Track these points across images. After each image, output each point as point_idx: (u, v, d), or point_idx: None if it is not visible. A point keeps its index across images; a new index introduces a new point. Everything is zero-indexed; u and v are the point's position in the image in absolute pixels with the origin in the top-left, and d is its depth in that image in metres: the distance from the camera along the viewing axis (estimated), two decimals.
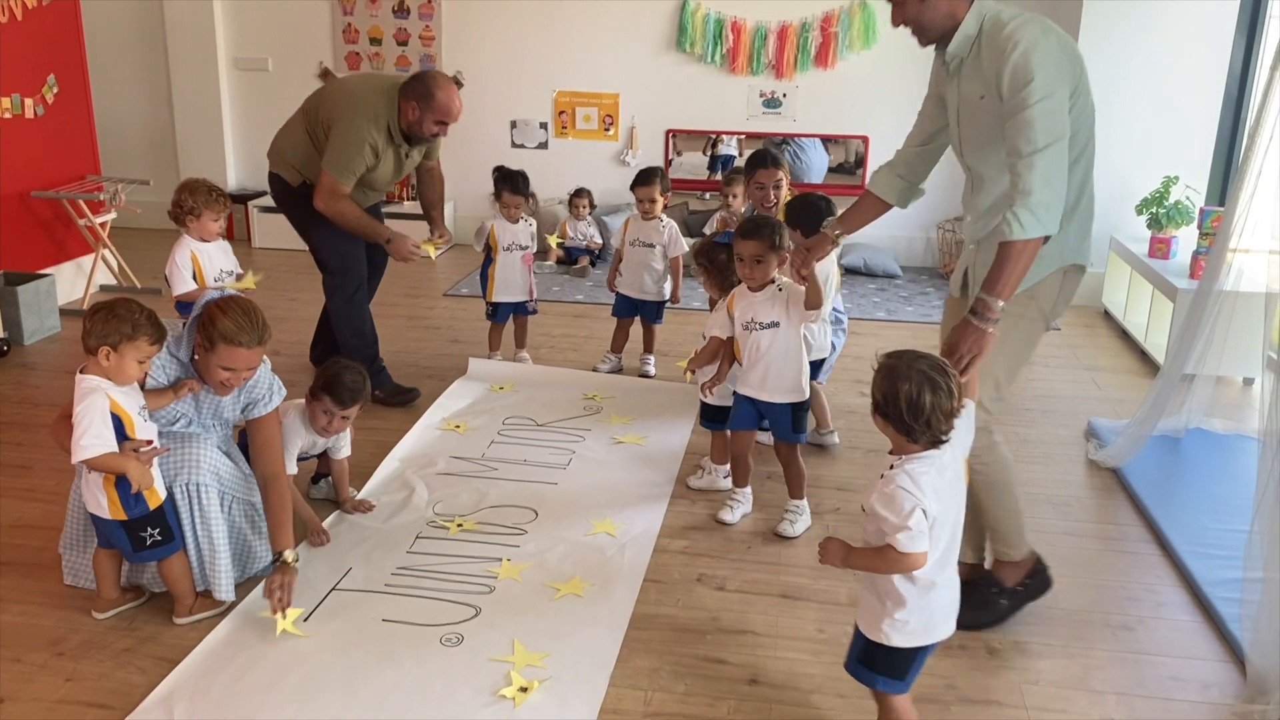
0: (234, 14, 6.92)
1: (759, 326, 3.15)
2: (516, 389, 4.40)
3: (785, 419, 3.23)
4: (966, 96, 2.56)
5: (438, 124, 3.89)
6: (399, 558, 3.03)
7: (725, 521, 3.32)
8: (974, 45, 2.50)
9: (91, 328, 2.49)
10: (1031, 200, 2.35)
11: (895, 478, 2.03)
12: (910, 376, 2.00)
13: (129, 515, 2.56)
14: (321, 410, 3.10)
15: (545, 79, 6.83)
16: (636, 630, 2.71)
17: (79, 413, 2.45)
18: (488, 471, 3.61)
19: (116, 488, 2.53)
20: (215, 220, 3.63)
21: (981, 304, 2.39)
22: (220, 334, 2.59)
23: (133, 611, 2.75)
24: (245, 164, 7.21)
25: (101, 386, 2.48)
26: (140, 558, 2.65)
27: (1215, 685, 2.57)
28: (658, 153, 6.87)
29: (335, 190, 3.88)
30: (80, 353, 2.56)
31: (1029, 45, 2.37)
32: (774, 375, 3.18)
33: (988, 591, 2.78)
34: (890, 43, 6.50)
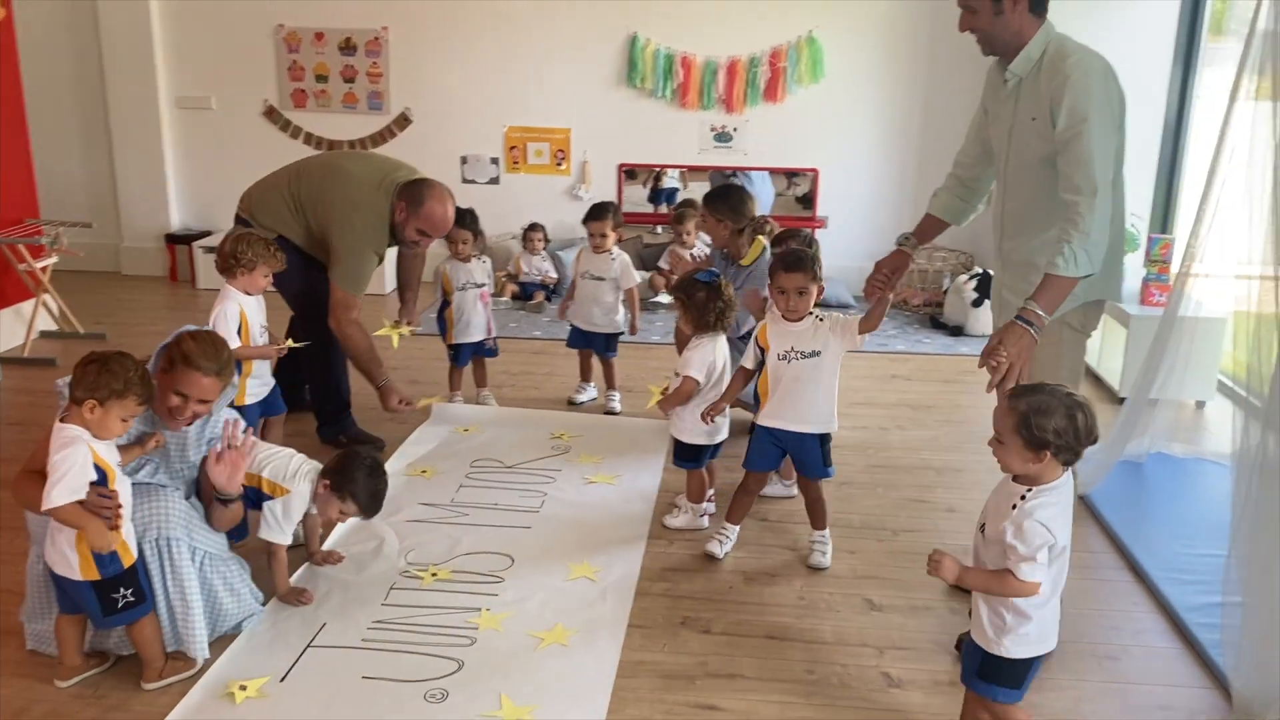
0: (175, 52, 6.78)
1: (799, 356, 3.13)
2: (482, 430, 4.33)
3: (815, 451, 3.20)
4: (1020, 116, 2.67)
5: (419, 232, 3.83)
6: (374, 611, 2.94)
7: (714, 555, 3.28)
8: (1036, 67, 2.60)
9: (81, 378, 2.40)
10: (1090, 241, 2.48)
11: (1033, 512, 2.11)
12: (1077, 406, 2.11)
13: (102, 575, 2.44)
14: (339, 510, 2.98)
15: (496, 114, 6.80)
16: (624, 679, 2.66)
17: (56, 461, 2.36)
18: (459, 517, 3.54)
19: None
20: (266, 276, 3.51)
21: (1030, 312, 2.50)
22: (182, 355, 2.60)
23: (98, 678, 2.63)
24: (188, 204, 7.05)
25: (83, 437, 2.39)
26: (110, 622, 2.53)
27: (1202, 712, 2.60)
28: (610, 187, 6.87)
29: (350, 306, 3.80)
30: (22, 402, 2.46)
31: (1091, 81, 2.50)
32: (808, 405, 3.16)
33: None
34: (838, 76, 6.60)
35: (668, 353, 5.39)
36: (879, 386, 5.06)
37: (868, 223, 6.80)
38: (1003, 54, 2.69)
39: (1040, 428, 2.08)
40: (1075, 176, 2.51)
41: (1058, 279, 2.50)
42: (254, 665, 2.67)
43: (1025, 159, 2.70)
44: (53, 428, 2.48)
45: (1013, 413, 2.12)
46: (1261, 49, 2.87)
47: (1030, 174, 2.69)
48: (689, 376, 3.35)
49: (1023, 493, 2.14)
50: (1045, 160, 2.62)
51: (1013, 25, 2.61)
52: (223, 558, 2.79)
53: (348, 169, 3.93)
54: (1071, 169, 2.51)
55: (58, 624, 2.60)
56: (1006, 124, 2.75)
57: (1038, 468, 2.12)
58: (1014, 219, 2.79)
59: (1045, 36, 2.62)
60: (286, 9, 6.69)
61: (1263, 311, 2.85)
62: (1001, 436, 2.15)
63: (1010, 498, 2.16)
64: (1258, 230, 2.82)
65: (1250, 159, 2.86)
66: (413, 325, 4.25)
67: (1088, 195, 2.48)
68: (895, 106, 6.66)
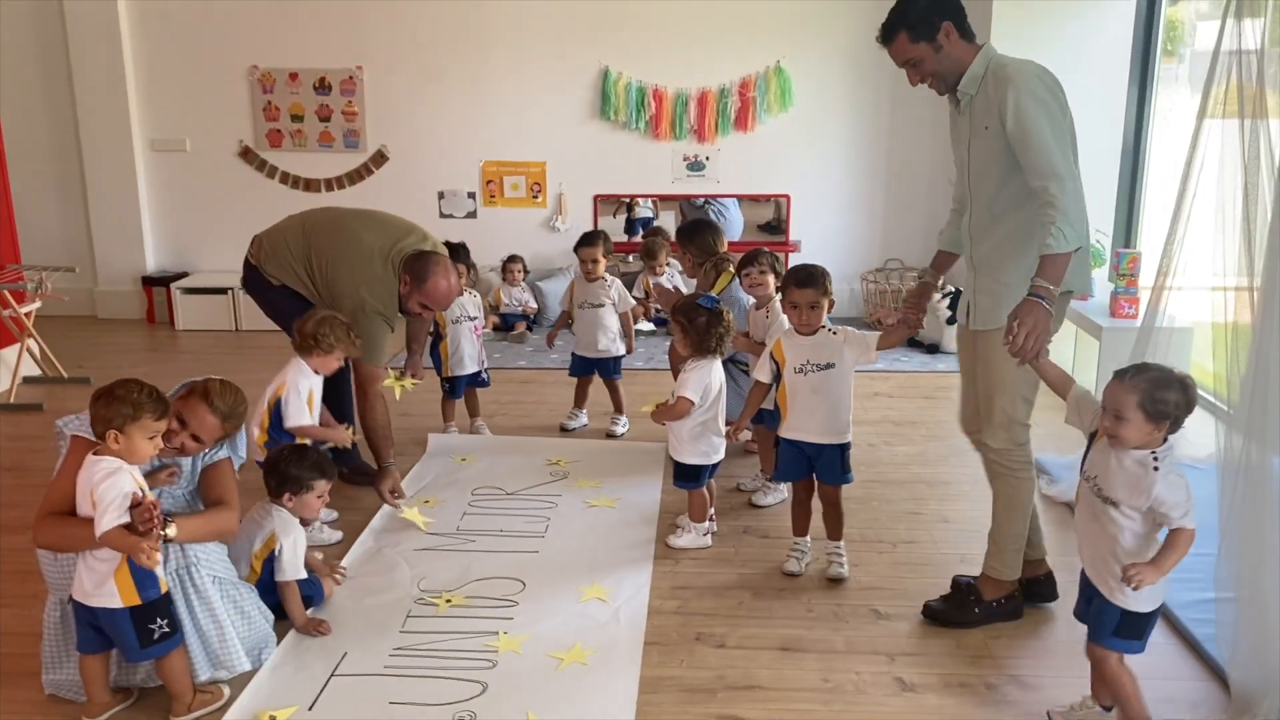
0: (149, 95, 6.81)
1: (815, 368, 3.28)
2: (479, 459, 4.38)
3: (835, 461, 3.33)
4: (975, 127, 2.87)
5: (422, 306, 3.88)
6: (393, 638, 2.98)
7: (793, 572, 3.39)
8: (980, 83, 2.82)
9: (96, 414, 2.47)
10: (1070, 218, 2.67)
11: (1169, 473, 2.32)
12: (1187, 381, 2.35)
13: (143, 599, 2.49)
14: (315, 499, 3.09)
15: (472, 149, 6.89)
16: (647, 694, 2.72)
17: (102, 491, 2.40)
18: (466, 544, 3.59)
19: (130, 568, 2.46)
20: (339, 360, 3.56)
21: (1040, 288, 2.66)
22: (201, 389, 2.74)
23: (125, 713, 2.65)
24: (164, 246, 7.06)
25: (124, 466, 2.46)
26: (145, 654, 2.55)
27: (1203, 703, 2.71)
28: (586, 218, 6.97)
29: (375, 378, 3.86)
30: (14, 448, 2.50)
31: (1029, 81, 2.72)
32: (827, 416, 3.30)
33: (967, 598, 3.07)
34: (806, 104, 6.77)
35: (653, 377, 5.49)
36: (862, 404, 5.17)
37: (839, 245, 6.96)
38: (953, 86, 2.89)
39: (1163, 401, 2.30)
40: (1039, 165, 2.70)
41: (1053, 256, 2.68)
42: (281, 695, 2.70)
43: (984, 164, 2.88)
44: (60, 467, 2.55)
45: (1135, 390, 2.32)
46: (1226, 68, 3.02)
47: (990, 177, 2.87)
48: (684, 397, 3.44)
49: (1154, 461, 2.34)
50: (1000, 161, 2.81)
51: (954, 55, 2.83)
52: (232, 581, 2.83)
53: (360, 237, 3.89)
54: (1033, 160, 2.71)
55: (82, 665, 2.61)
56: (965, 138, 2.94)
57: (1154, 437, 2.33)
58: (979, 223, 2.95)
59: (986, 57, 2.84)
60: (260, 50, 6.76)
61: (1238, 321, 2.99)
62: (1123, 413, 2.32)
63: (1139, 465, 2.35)
64: (1230, 243, 2.96)
65: (1220, 175, 3.00)
66: (417, 378, 4.31)
67: (1054, 179, 2.68)
68: (862, 131, 6.84)
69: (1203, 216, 3.26)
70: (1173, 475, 2.33)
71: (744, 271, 3.86)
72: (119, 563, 2.47)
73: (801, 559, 3.43)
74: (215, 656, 2.70)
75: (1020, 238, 2.86)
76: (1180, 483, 2.34)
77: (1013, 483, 3.00)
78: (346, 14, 6.67)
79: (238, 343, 6.51)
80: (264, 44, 6.74)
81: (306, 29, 6.70)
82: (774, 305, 3.82)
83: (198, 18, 6.69)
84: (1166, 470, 2.33)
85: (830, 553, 3.40)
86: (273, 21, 6.69)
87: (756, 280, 3.82)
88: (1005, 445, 2.98)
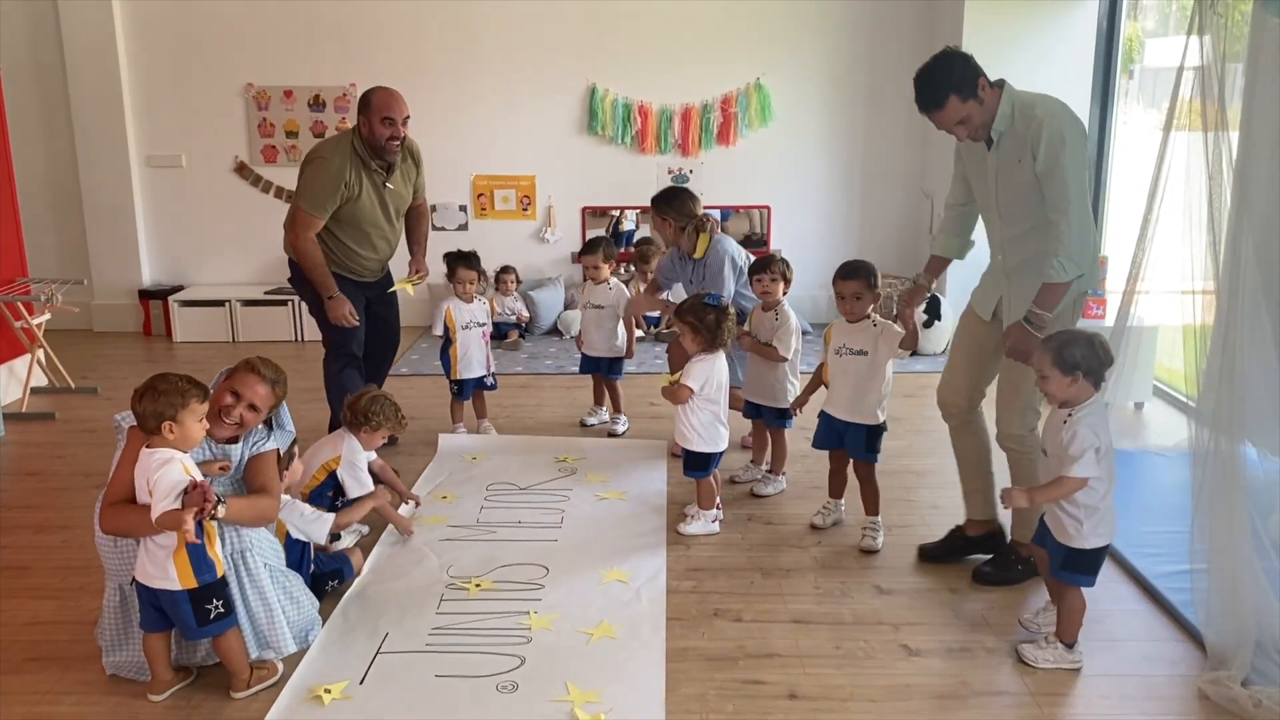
0: (145, 112, 6.96)
1: (849, 352, 3.64)
2: (489, 457, 4.59)
3: (860, 439, 3.68)
4: (1005, 161, 3.16)
5: (384, 122, 4.13)
6: (431, 619, 3.18)
7: (814, 525, 3.85)
8: (1010, 121, 3.11)
9: (146, 410, 2.62)
10: (1072, 250, 3.02)
11: (1078, 424, 2.75)
12: (1094, 338, 2.78)
13: (199, 582, 2.65)
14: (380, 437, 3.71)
15: (463, 164, 7.09)
16: (674, 663, 2.94)
17: (158, 479, 2.57)
18: (488, 535, 3.79)
19: (189, 554, 2.63)
20: (384, 439, 3.78)
21: (1035, 316, 3.06)
22: (245, 362, 2.93)
23: (187, 690, 2.82)
24: (160, 260, 7.19)
25: (175, 455, 2.62)
26: (203, 633, 2.72)
27: (1182, 661, 2.97)
28: (574, 229, 7.20)
29: (309, 225, 4.11)
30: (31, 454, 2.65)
31: (1060, 123, 3.03)
32: (852, 397, 3.66)
33: (1009, 559, 3.45)
34: (786, 119, 7.06)
35: (650, 381, 5.72)
36: None
37: (817, 254, 7.23)
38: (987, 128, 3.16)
39: (1070, 355, 2.74)
40: (1057, 200, 3.04)
41: (1052, 286, 3.05)
42: (331, 671, 2.89)
43: (1016, 192, 3.18)
44: (119, 459, 2.72)
45: (1047, 350, 2.79)
46: (1191, 83, 3.30)
47: (1022, 204, 3.17)
48: (686, 386, 3.69)
49: (1068, 413, 2.78)
50: (1032, 190, 3.12)
51: (990, 105, 3.11)
52: (281, 569, 3.01)
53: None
54: (1054, 195, 3.05)
55: (145, 643, 2.78)
56: (991, 170, 3.22)
57: (1074, 389, 2.76)
58: (1015, 243, 3.26)
59: (1009, 97, 3.13)
60: (255, 68, 6.93)
61: (1204, 323, 3.26)
62: (1044, 372, 2.79)
63: (1062, 421, 2.78)
64: (1197, 249, 3.23)
65: (1186, 184, 3.28)
66: (423, 274, 4.63)
67: (1064, 214, 3.03)
68: (838, 145, 7.13)
69: (1170, 224, 3.55)
70: (1086, 429, 2.73)
71: (755, 277, 4.10)
72: (177, 546, 2.64)
73: (827, 516, 3.87)
74: (264, 637, 2.88)
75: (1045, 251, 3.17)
76: (1085, 435, 2.73)
77: (1028, 465, 3.30)
78: (340, 33, 6.86)
79: (236, 354, 6.60)
80: (259, 62, 6.91)
81: (301, 47, 6.88)
82: (783, 308, 4.06)
83: (194, 36, 6.85)
84: (1078, 422, 2.75)
85: (865, 526, 3.72)
86: (268, 40, 6.87)
87: (768, 287, 4.07)
88: (1020, 430, 3.29)
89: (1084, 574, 2.88)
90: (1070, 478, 2.77)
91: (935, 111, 3.12)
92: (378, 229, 4.35)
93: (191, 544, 2.63)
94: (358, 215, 4.22)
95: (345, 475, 3.60)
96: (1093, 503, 2.80)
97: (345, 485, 3.61)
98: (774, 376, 4.09)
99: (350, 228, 4.25)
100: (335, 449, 3.63)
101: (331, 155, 4.12)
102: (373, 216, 4.28)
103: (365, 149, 4.17)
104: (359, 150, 4.16)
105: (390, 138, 4.15)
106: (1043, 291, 3.06)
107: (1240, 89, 3.30)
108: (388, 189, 4.31)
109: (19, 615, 3.24)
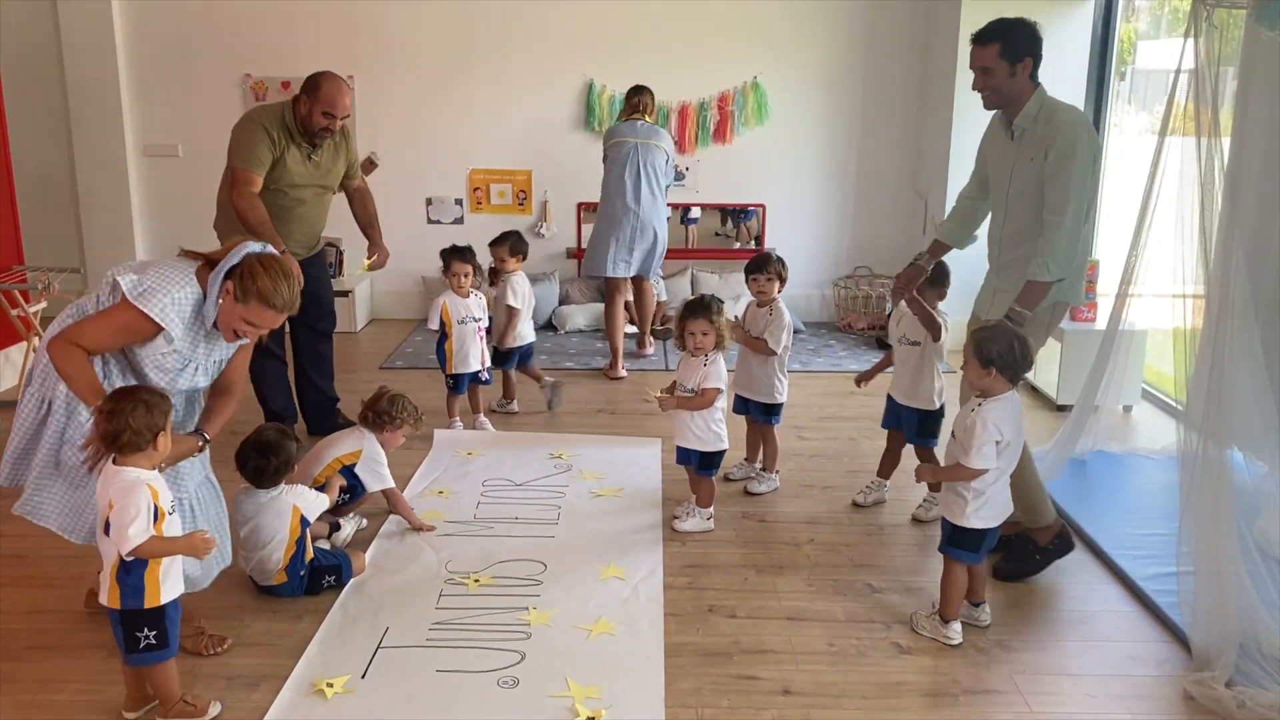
0: (142, 100, 6.95)
1: (906, 342, 3.88)
2: (484, 453, 4.62)
3: (914, 422, 3.94)
4: (1022, 156, 3.33)
5: (324, 115, 4.21)
6: (430, 614, 3.22)
7: (855, 503, 4.09)
8: (1034, 121, 3.28)
9: (139, 424, 2.48)
10: (1059, 253, 3.18)
11: (980, 417, 2.93)
12: (1015, 336, 2.95)
13: (123, 605, 2.53)
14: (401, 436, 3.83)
15: (459, 158, 7.11)
16: (670, 658, 2.99)
17: (124, 505, 2.46)
18: (485, 531, 3.83)
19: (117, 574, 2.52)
20: (403, 439, 3.88)
21: (1016, 313, 3.25)
22: (258, 292, 2.69)
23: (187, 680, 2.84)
24: (155, 250, 7.18)
25: (143, 478, 2.50)
26: (132, 660, 2.61)
27: (1167, 661, 3.04)
28: (570, 225, 7.23)
29: (247, 181, 4.17)
30: None
31: (1077, 133, 3.20)
32: (907, 383, 3.90)
33: (1024, 548, 3.53)
34: (782, 118, 7.09)
35: (646, 379, 5.76)
36: (840, 402, 5.48)
37: (811, 253, 7.28)
38: (1006, 106, 3.35)
39: (988, 350, 2.92)
40: (1055, 202, 3.19)
41: (1034, 284, 3.22)
42: (333, 666, 2.93)
43: (1023, 190, 3.34)
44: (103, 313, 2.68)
45: (971, 340, 2.99)
46: (1187, 85, 3.35)
47: (1027, 201, 3.34)
48: (717, 388, 3.75)
49: (977, 402, 2.98)
50: (1039, 190, 3.28)
51: (1019, 85, 3.31)
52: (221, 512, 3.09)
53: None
54: (1054, 196, 3.20)
55: None
56: (1009, 164, 3.39)
57: (988, 381, 2.95)
58: (1012, 236, 3.43)
59: (1039, 98, 3.32)
60: (253, 59, 6.92)
61: (1194, 327, 3.31)
62: (965, 359, 3.01)
63: (969, 407, 3.00)
64: (1188, 254, 3.29)
65: (1180, 192, 3.34)
66: (381, 258, 4.74)
67: (1059, 216, 3.17)
68: (833, 145, 7.17)
69: (1163, 228, 3.60)
70: (982, 422, 2.92)
71: (751, 277, 4.13)
72: (115, 562, 2.51)
73: (869, 494, 4.12)
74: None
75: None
76: (988, 428, 2.91)
77: None
78: (339, 24, 6.86)
79: None
80: (257, 52, 6.91)
81: (299, 38, 6.88)
82: (777, 304, 4.10)
83: (191, 25, 6.84)
84: (984, 414, 2.93)
85: (925, 499, 4.03)
86: (266, 30, 6.87)
87: (763, 287, 4.11)
88: None
89: (967, 551, 3.05)
90: (966, 466, 2.95)
91: (978, 46, 3.33)
92: (301, 203, 4.38)
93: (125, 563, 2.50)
94: (282, 178, 4.27)
95: (364, 471, 3.68)
96: (981, 488, 2.99)
97: (364, 480, 3.69)
98: (764, 371, 4.14)
99: (276, 194, 4.26)
100: (354, 445, 3.71)
101: (260, 118, 4.23)
102: (298, 181, 4.31)
103: (296, 124, 4.25)
104: (288, 122, 4.25)
105: (325, 129, 4.26)
106: (1025, 289, 3.22)
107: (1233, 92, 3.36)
108: (313, 161, 4.37)
109: (19, 603, 3.27)
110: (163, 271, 2.73)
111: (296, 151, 4.29)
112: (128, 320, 2.68)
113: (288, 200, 4.33)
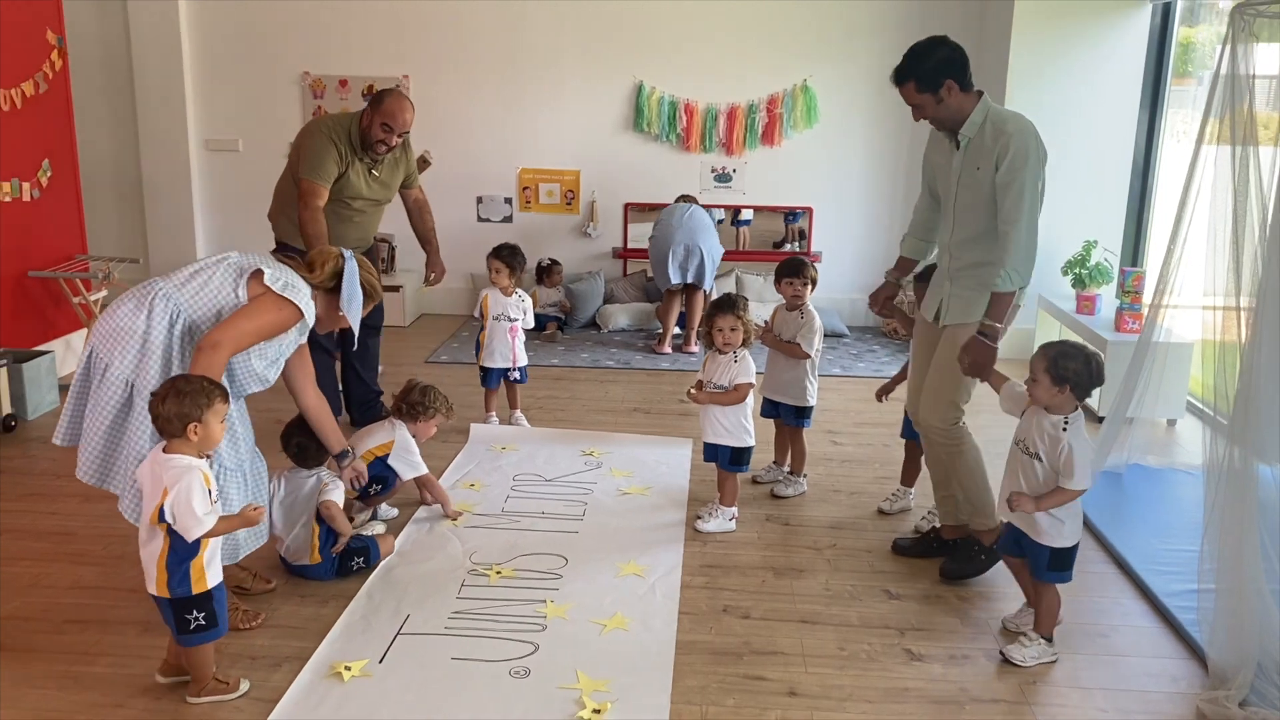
0: (205, 96, 7.18)
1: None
2: (518, 448, 4.70)
3: None
4: (967, 166, 3.31)
5: (383, 127, 4.33)
6: (451, 603, 3.30)
7: (881, 510, 4.09)
8: (980, 130, 3.26)
9: (171, 412, 2.57)
10: (1018, 261, 3.18)
11: (1075, 436, 2.90)
12: (1092, 356, 2.92)
13: (171, 594, 2.62)
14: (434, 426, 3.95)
15: (509, 157, 7.23)
16: (680, 655, 3.03)
17: (181, 490, 2.54)
18: (512, 524, 3.91)
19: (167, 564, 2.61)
20: (434, 429, 4.00)
21: (988, 327, 3.24)
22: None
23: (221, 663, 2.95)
24: (214, 242, 7.41)
25: (195, 465, 2.59)
26: (185, 641, 2.70)
27: (1182, 678, 3.00)
28: (616, 225, 7.30)
29: (313, 192, 4.28)
30: None
31: (1027, 141, 3.17)
32: None
33: (970, 549, 3.55)
34: (831, 121, 7.08)
35: (682, 379, 5.80)
36: (878, 408, 5.43)
37: (858, 256, 7.27)
38: (951, 128, 3.35)
39: (1064, 368, 2.88)
40: (1010, 212, 3.19)
41: (999, 295, 3.23)
42: (353, 650, 3.02)
43: (971, 199, 3.34)
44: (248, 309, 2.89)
45: (1044, 357, 2.92)
46: (1223, 93, 3.30)
47: (974, 211, 3.34)
48: (750, 383, 3.82)
49: (1064, 422, 2.92)
50: (987, 200, 3.27)
51: (953, 106, 3.29)
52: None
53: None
54: (1008, 206, 3.19)
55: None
56: (955, 173, 3.38)
57: (1059, 399, 2.90)
58: (961, 244, 3.43)
59: (984, 107, 3.29)
60: (312, 57, 7.12)
61: (1225, 339, 3.27)
62: (1035, 376, 2.94)
63: (1053, 427, 2.93)
64: (1220, 265, 3.24)
65: (1213, 200, 3.29)
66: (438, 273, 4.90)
67: (1015, 226, 3.18)
68: (882, 148, 7.15)
69: (1198, 239, 3.56)
70: (1080, 441, 2.89)
71: (786, 280, 4.16)
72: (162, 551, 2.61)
73: (894, 502, 4.11)
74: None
75: (989, 260, 3.30)
76: (1085, 452, 2.89)
77: (955, 453, 3.49)
78: (395, 25, 7.02)
79: None
80: (316, 51, 7.10)
81: (357, 38, 7.05)
82: (808, 307, 4.13)
83: (253, 23, 7.06)
84: (1074, 434, 2.89)
85: (929, 511, 3.92)
86: (325, 30, 7.05)
87: (798, 290, 4.14)
88: (940, 423, 3.46)
89: (1066, 570, 3.04)
90: (1072, 489, 2.91)
91: (897, 87, 3.34)
92: (360, 214, 4.53)
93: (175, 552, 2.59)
94: (344, 190, 4.39)
95: (397, 461, 3.78)
96: (1075, 506, 2.97)
97: (398, 469, 3.79)
98: (794, 374, 4.17)
99: (337, 205, 4.39)
100: (386, 437, 3.80)
101: (330, 132, 4.34)
102: (359, 194, 4.45)
103: (359, 137, 4.37)
104: (353, 136, 4.37)
105: (381, 141, 4.36)
106: (992, 302, 3.23)
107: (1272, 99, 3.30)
108: (374, 176, 4.51)
109: (63, 578, 3.42)
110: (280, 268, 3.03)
111: (360, 166, 4.42)
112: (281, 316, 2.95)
113: (348, 210, 4.48)
